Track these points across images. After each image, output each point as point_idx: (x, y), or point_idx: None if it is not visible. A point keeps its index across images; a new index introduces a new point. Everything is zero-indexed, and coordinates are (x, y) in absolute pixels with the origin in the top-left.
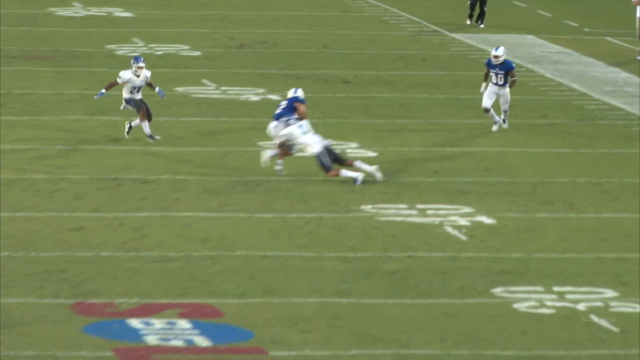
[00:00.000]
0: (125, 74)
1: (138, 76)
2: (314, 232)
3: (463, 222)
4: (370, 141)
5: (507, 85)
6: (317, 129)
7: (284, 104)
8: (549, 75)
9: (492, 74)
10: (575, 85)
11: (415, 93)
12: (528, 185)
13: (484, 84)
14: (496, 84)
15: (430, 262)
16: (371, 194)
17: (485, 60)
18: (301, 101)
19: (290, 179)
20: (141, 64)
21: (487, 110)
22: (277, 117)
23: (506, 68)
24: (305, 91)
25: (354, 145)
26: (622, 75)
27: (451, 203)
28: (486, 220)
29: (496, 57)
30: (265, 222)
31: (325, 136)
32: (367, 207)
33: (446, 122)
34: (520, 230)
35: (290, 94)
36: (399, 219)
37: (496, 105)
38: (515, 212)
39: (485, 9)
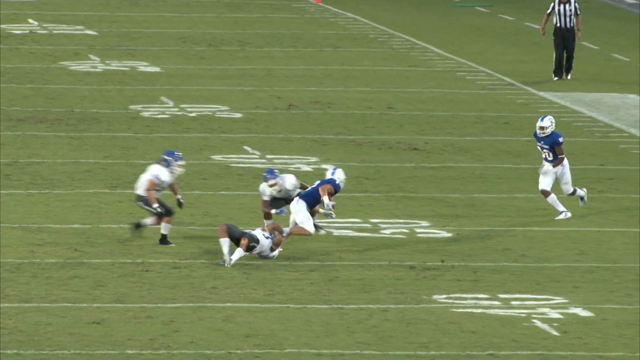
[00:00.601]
0: (163, 175)
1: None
2: (378, 327)
3: (555, 314)
4: (444, 220)
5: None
6: (378, 204)
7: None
8: None
9: (538, 148)
10: None
11: (496, 162)
12: (631, 272)
13: (542, 164)
14: (546, 159)
15: None
16: (445, 282)
17: (534, 133)
18: (335, 185)
19: (349, 263)
20: (183, 162)
21: (545, 194)
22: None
23: (551, 142)
24: (366, 160)
25: (424, 224)
26: None
27: (540, 292)
28: (582, 312)
29: (542, 128)
30: (320, 315)
31: (392, 213)
32: (441, 297)
33: (533, 197)
34: (623, 324)
35: (328, 174)
36: (479, 311)
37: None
38: (616, 303)
39: (572, 62)
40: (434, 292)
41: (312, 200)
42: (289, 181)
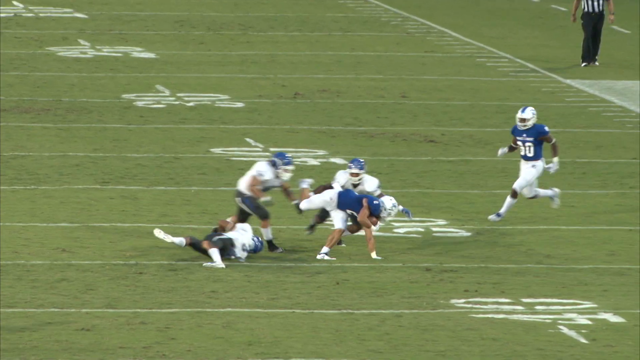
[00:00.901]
0: (267, 173)
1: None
2: (391, 334)
3: (583, 320)
4: (463, 217)
5: (540, 159)
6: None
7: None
8: None
9: (519, 143)
10: None
11: (519, 156)
12: None
13: (502, 149)
14: (525, 156)
15: None
16: (464, 284)
17: (512, 128)
18: (373, 206)
19: (360, 265)
20: (291, 167)
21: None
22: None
23: (536, 134)
24: (378, 153)
25: (441, 222)
26: None
27: (567, 297)
28: (612, 318)
29: (523, 120)
30: (328, 321)
31: (400, 212)
32: (460, 302)
33: (560, 192)
34: None
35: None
36: (501, 316)
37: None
38: None
39: (599, 46)
40: (452, 296)
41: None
42: (373, 183)
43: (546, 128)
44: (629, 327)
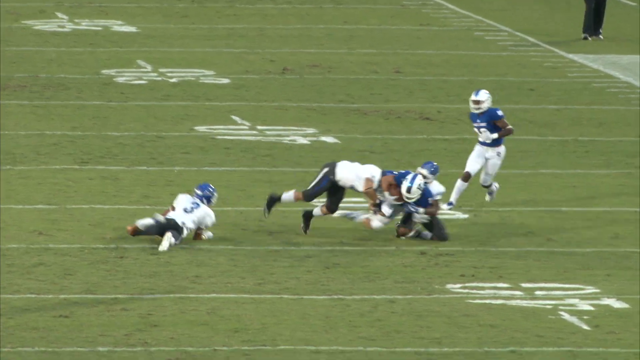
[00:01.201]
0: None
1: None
2: (383, 320)
3: (585, 306)
4: (460, 199)
5: (500, 144)
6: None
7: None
8: None
9: (475, 129)
10: None
11: (520, 134)
12: None
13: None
14: (484, 142)
15: None
16: (460, 268)
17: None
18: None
19: (351, 248)
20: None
21: (467, 177)
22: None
23: (489, 118)
24: (372, 131)
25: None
26: None
27: (569, 281)
28: (616, 304)
29: (477, 102)
30: (318, 307)
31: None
32: (456, 287)
33: (561, 172)
34: None
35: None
36: (499, 302)
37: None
38: None
39: (603, 17)
40: (448, 281)
41: None
42: (438, 188)
43: (500, 112)
44: (633, 313)
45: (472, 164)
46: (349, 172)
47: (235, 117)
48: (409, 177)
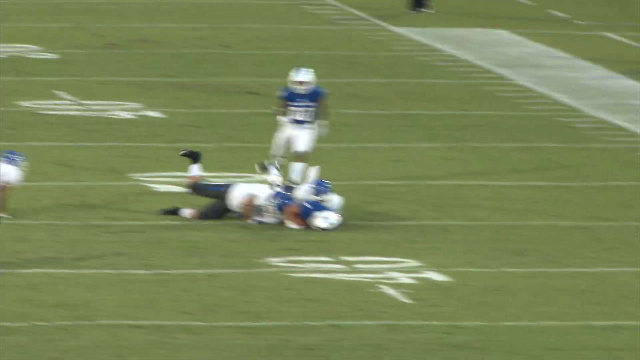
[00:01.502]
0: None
1: None
2: (205, 295)
3: (406, 279)
4: (283, 172)
5: (317, 123)
6: (211, 155)
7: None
8: (526, 84)
9: (293, 108)
10: (561, 97)
11: (345, 108)
12: (494, 231)
13: (282, 118)
14: (298, 120)
15: (361, 334)
16: (283, 242)
17: (281, 91)
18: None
19: (175, 223)
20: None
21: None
22: None
23: (317, 97)
24: (197, 106)
25: (259, 177)
26: (624, 83)
27: (390, 254)
28: (437, 277)
29: (302, 83)
30: (140, 282)
31: (225, 166)
32: (278, 261)
33: (386, 146)
34: (483, 291)
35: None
36: (320, 276)
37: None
38: (476, 266)
39: None
40: (270, 255)
41: None
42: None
43: (325, 90)
44: (456, 286)
45: (278, 147)
46: (240, 195)
47: (60, 92)
48: (325, 214)
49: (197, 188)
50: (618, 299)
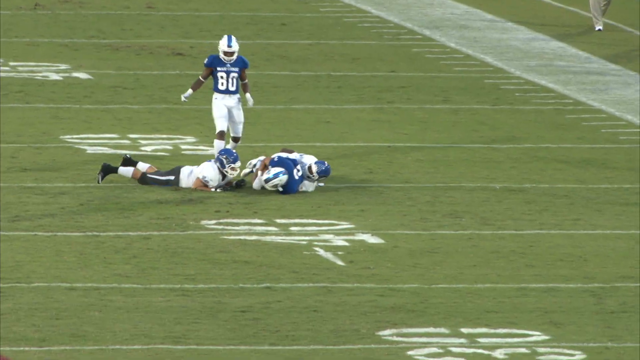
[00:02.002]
0: (213, 176)
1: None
2: (139, 257)
3: (339, 242)
4: (212, 134)
5: (238, 92)
6: (138, 117)
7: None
8: (452, 45)
9: (219, 75)
10: (488, 58)
11: (272, 69)
12: (426, 193)
13: (190, 91)
14: (227, 91)
15: (295, 297)
16: (215, 205)
17: (207, 59)
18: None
19: (105, 185)
20: (239, 164)
21: (222, 136)
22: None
23: (242, 65)
24: (123, 67)
25: (190, 139)
26: (551, 44)
27: (323, 217)
28: (371, 239)
29: (230, 54)
30: (73, 244)
31: (154, 128)
32: (210, 223)
33: (315, 107)
34: (417, 252)
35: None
36: (253, 238)
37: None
38: (409, 228)
39: None
40: (202, 217)
41: None
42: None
43: (248, 60)
44: (388, 249)
45: (222, 121)
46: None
47: None
48: (275, 171)
49: (145, 180)
50: (551, 262)
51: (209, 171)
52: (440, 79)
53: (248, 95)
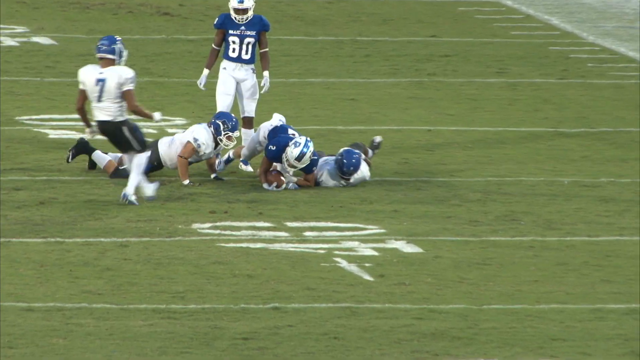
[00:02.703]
0: (206, 141)
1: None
2: (113, 270)
3: (367, 251)
4: (209, 113)
5: (253, 61)
6: None
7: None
8: (508, 3)
9: (231, 40)
10: (554, 20)
11: (283, 33)
12: (476, 189)
13: (206, 71)
14: (239, 59)
15: (311, 320)
16: (210, 204)
17: (217, 20)
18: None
19: (75, 178)
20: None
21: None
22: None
23: (260, 27)
24: (97, 30)
25: (179, 121)
26: (632, 3)
27: (346, 219)
28: (406, 247)
29: (239, 11)
30: (31, 253)
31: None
32: (204, 227)
33: (335, 81)
34: (464, 264)
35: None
36: (258, 246)
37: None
38: (454, 233)
39: None
40: (194, 219)
41: None
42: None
43: (268, 22)
44: (428, 259)
45: (224, 99)
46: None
47: None
48: (299, 141)
49: (119, 174)
50: (633, 277)
51: (201, 134)
52: (494, 45)
53: (266, 75)
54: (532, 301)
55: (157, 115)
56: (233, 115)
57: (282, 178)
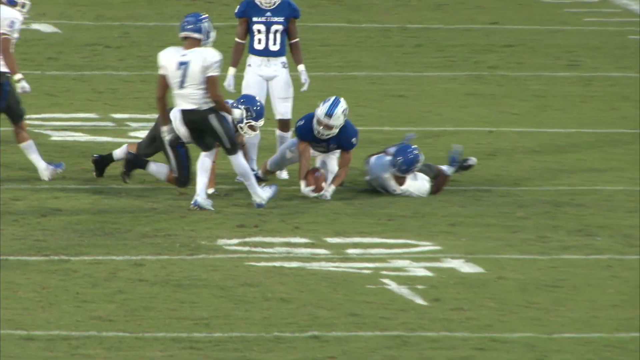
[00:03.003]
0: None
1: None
2: (126, 292)
3: (419, 271)
4: None
5: (284, 53)
6: (126, 88)
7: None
8: None
9: (256, 29)
10: (633, 5)
11: (319, 20)
12: (545, 200)
13: (232, 70)
14: (266, 51)
15: (356, 350)
16: (238, 216)
17: (238, 7)
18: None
19: (76, 187)
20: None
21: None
22: None
23: (290, 14)
24: (104, 16)
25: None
26: None
27: (395, 234)
28: (464, 266)
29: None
30: (31, 273)
31: (143, 103)
32: (232, 243)
33: (381, 75)
34: (532, 286)
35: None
36: (294, 265)
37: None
38: (520, 251)
39: None
40: (220, 233)
41: None
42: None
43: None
44: (490, 281)
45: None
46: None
47: None
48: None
49: (135, 163)
50: None
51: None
52: (564, 34)
53: (302, 69)
54: (611, 329)
55: (237, 112)
56: (259, 100)
57: (323, 184)
